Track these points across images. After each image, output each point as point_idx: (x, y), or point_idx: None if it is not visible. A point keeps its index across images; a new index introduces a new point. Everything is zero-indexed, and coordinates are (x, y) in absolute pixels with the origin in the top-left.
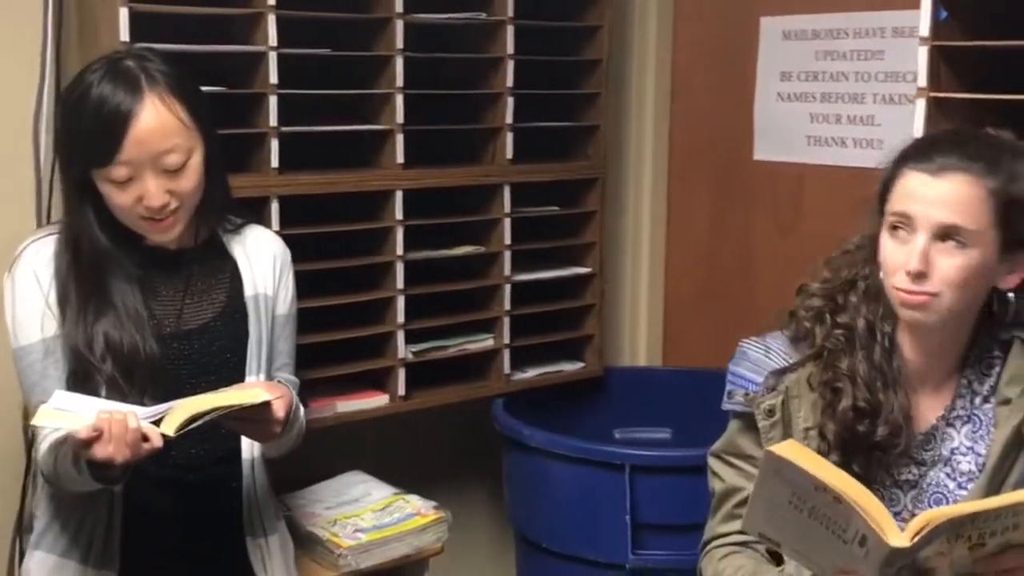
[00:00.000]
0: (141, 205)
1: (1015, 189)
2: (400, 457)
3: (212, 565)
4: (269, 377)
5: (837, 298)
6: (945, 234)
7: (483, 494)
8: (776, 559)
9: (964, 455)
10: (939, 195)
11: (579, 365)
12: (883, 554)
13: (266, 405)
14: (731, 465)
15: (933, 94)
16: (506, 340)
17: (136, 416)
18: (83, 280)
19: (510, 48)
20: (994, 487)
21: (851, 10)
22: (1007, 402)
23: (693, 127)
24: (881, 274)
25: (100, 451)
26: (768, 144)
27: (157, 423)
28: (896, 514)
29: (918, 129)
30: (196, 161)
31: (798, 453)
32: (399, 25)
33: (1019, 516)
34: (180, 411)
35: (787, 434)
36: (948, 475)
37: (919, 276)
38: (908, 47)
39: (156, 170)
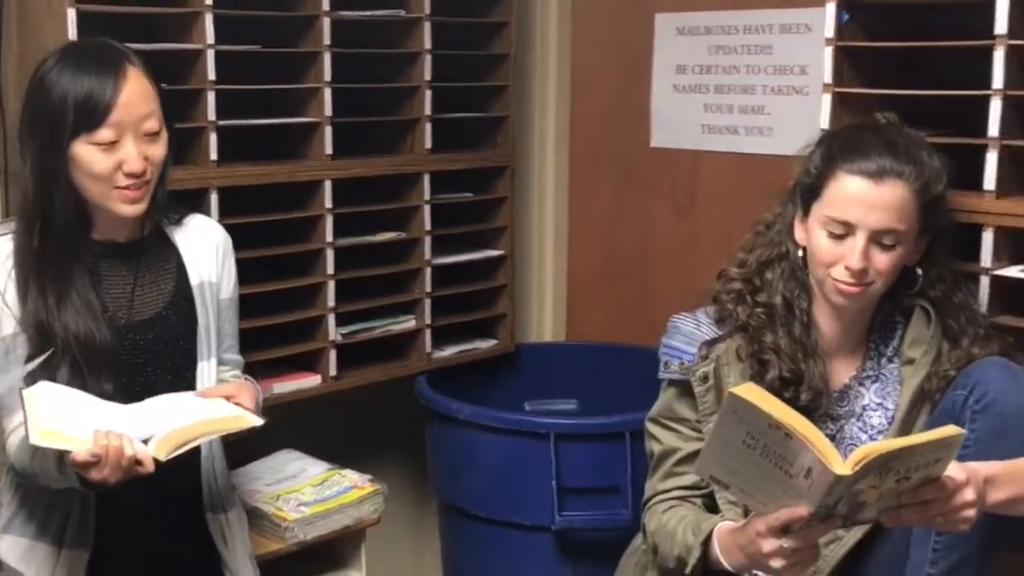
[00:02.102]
0: (120, 172)
1: (933, 188)
2: (330, 434)
3: (176, 542)
4: (219, 359)
5: (754, 280)
6: (882, 236)
7: (408, 466)
8: (713, 511)
9: (875, 410)
10: (880, 202)
11: (493, 342)
12: (827, 483)
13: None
14: (668, 428)
15: (837, 90)
16: (427, 321)
17: (132, 442)
18: (46, 267)
19: (428, 43)
20: (902, 435)
21: (741, 8)
22: (911, 362)
23: (594, 117)
24: (812, 263)
25: (96, 474)
26: (665, 133)
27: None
28: None
29: (824, 122)
30: (164, 135)
31: (756, 394)
32: (326, 22)
33: (939, 452)
34: (172, 437)
35: (720, 398)
36: (860, 428)
37: (861, 273)
38: (795, 42)
39: (137, 135)
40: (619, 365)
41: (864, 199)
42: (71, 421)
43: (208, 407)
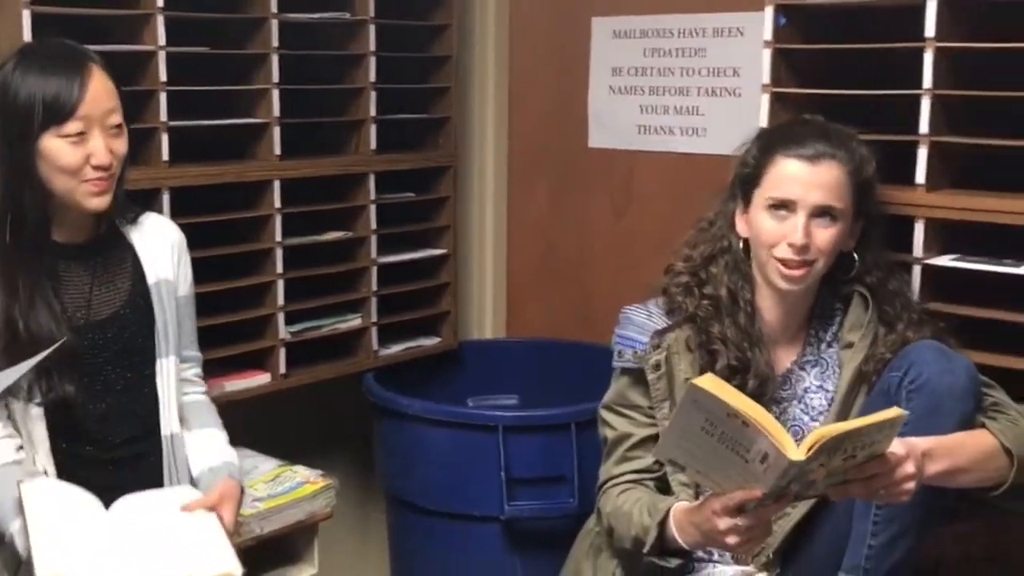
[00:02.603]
0: (88, 166)
1: (864, 171)
2: (279, 432)
3: None
4: (179, 356)
5: (700, 273)
6: (821, 212)
7: (356, 461)
8: (665, 492)
9: (815, 393)
10: (817, 181)
11: (436, 340)
12: (782, 467)
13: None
14: (622, 415)
15: (775, 90)
16: (373, 319)
17: None
18: (18, 266)
19: (372, 45)
20: (842, 417)
21: (676, 12)
22: (850, 346)
23: (533, 118)
24: (755, 248)
25: None
26: (602, 134)
27: None
28: None
29: (762, 121)
30: (126, 132)
31: (715, 385)
32: (274, 24)
33: (883, 432)
34: None
35: (671, 385)
36: (803, 410)
37: (803, 249)
38: (728, 45)
39: (103, 128)
40: (559, 360)
41: (802, 179)
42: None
43: (192, 537)
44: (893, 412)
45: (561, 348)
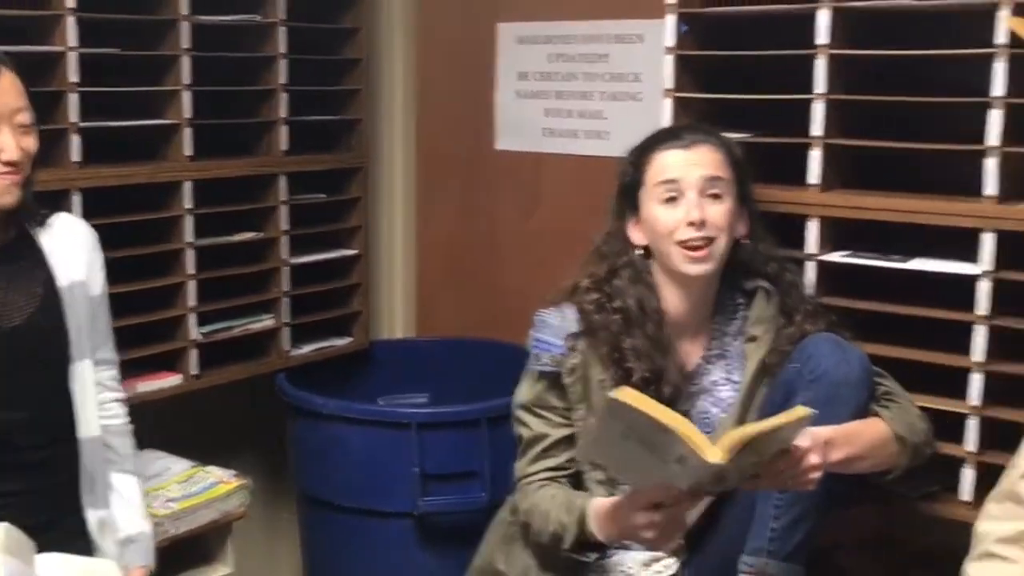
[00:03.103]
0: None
1: (736, 153)
2: (192, 433)
3: (56, 539)
4: (94, 359)
5: (606, 288)
6: (708, 186)
7: (269, 461)
8: (578, 488)
9: (723, 386)
10: (697, 159)
11: (348, 340)
12: (700, 469)
13: None
14: (538, 416)
15: (677, 95)
16: (285, 319)
17: None
18: None
19: (283, 47)
20: (746, 408)
21: (579, 19)
22: (754, 339)
23: (441, 121)
24: (656, 241)
25: None
26: (509, 136)
27: None
28: None
29: (665, 122)
30: (35, 131)
31: (632, 397)
32: (185, 26)
33: (792, 430)
34: None
35: (587, 387)
36: (712, 403)
37: (701, 224)
38: (629, 51)
39: (12, 126)
40: (468, 358)
41: (683, 162)
42: None
43: None
44: (800, 411)
45: (470, 346)
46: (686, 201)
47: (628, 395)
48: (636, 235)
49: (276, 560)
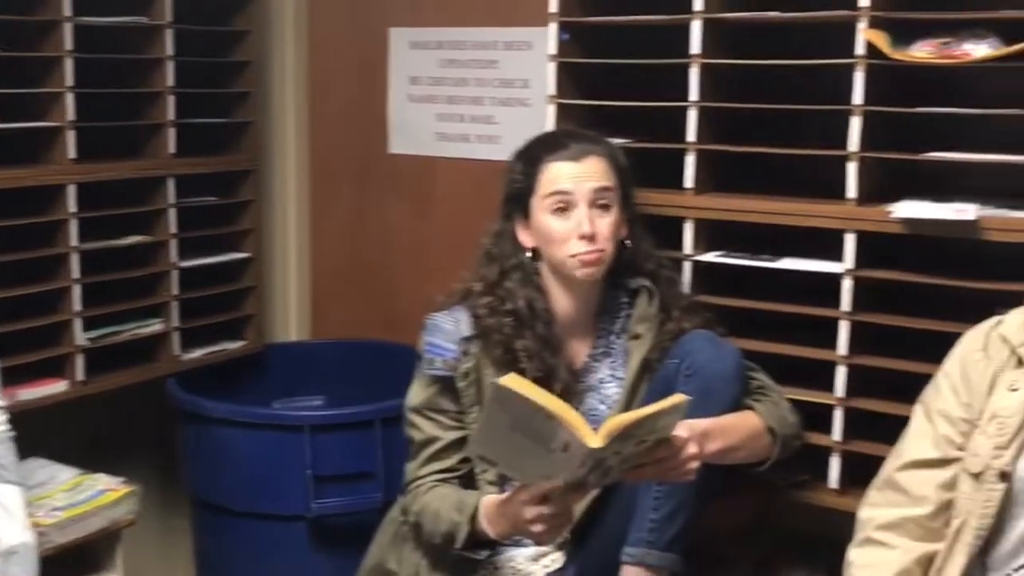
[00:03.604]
0: None
1: (621, 160)
2: (79, 440)
3: None
4: None
5: (498, 291)
6: (597, 197)
7: (160, 467)
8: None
9: (609, 383)
10: (587, 172)
11: (241, 343)
12: (582, 455)
13: None
14: (430, 419)
15: (560, 101)
16: (175, 323)
17: None
18: None
19: (170, 50)
20: (629, 403)
21: (469, 25)
22: (637, 337)
23: (333, 123)
24: (548, 251)
25: None
26: (402, 140)
27: None
28: None
29: (549, 127)
30: None
31: (518, 383)
32: (68, 27)
33: (669, 417)
34: None
35: (480, 389)
36: (599, 400)
37: (592, 238)
38: (518, 58)
39: None
40: (364, 360)
41: (574, 175)
42: None
43: None
44: (677, 398)
45: (366, 348)
46: (577, 213)
47: (514, 381)
48: (525, 238)
49: (170, 566)
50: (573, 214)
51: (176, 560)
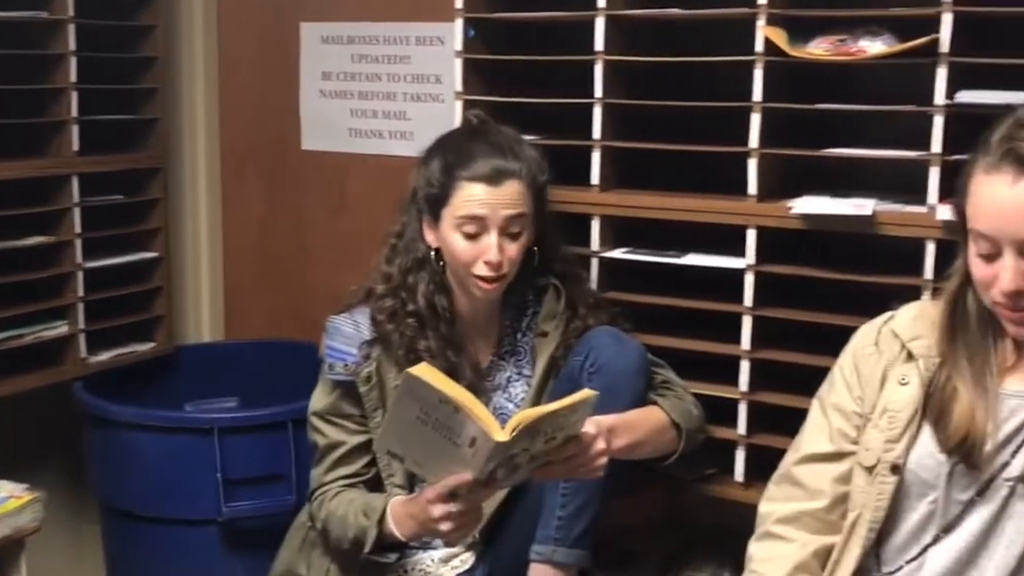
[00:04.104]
0: None
1: (539, 178)
2: None
3: None
4: None
5: (401, 293)
6: (509, 224)
7: (67, 473)
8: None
9: (516, 381)
10: (502, 200)
11: (151, 345)
12: (489, 449)
13: None
14: (334, 424)
15: (466, 97)
16: (81, 325)
17: None
18: None
19: (72, 45)
20: (537, 402)
21: (381, 20)
22: (544, 334)
23: (244, 120)
24: (452, 264)
25: None
26: (314, 136)
27: None
28: None
29: (456, 125)
30: None
31: (428, 373)
32: None
33: (577, 413)
34: None
35: (383, 394)
36: (507, 399)
37: (499, 265)
38: (430, 53)
39: None
40: (278, 360)
41: (488, 201)
42: None
43: None
44: (584, 394)
45: (280, 348)
46: (488, 239)
47: (424, 370)
48: (431, 237)
49: (80, 574)
50: (482, 239)
51: (86, 567)
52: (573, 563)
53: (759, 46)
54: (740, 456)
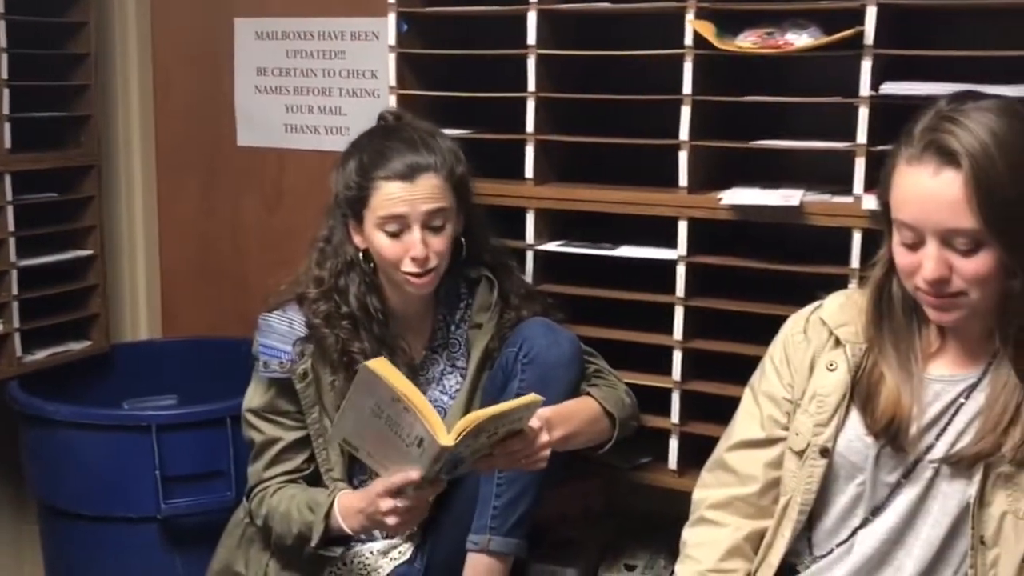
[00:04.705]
0: None
1: (457, 170)
2: None
3: None
4: None
5: (334, 295)
6: (431, 219)
7: (5, 472)
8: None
9: (450, 374)
10: (420, 195)
11: (87, 343)
12: (435, 452)
13: None
14: (270, 421)
15: (401, 92)
16: (16, 324)
17: None
18: None
19: (2, 42)
20: (472, 394)
21: (316, 15)
22: (478, 326)
23: (179, 116)
24: (380, 264)
25: None
26: (250, 132)
27: None
28: None
29: None
30: None
31: (385, 369)
32: None
33: (520, 412)
34: None
35: (319, 390)
36: (441, 392)
37: (425, 260)
38: (365, 48)
39: None
40: (216, 357)
41: (406, 197)
42: None
43: None
44: (531, 398)
45: (218, 345)
46: (411, 236)
47: (380, 365)
48: (358, 239)
49: (20, 574)
50: (406, 236)
51: (27, 567)
52: (509, 552)
53: (688, 40)
54: (674, 444)
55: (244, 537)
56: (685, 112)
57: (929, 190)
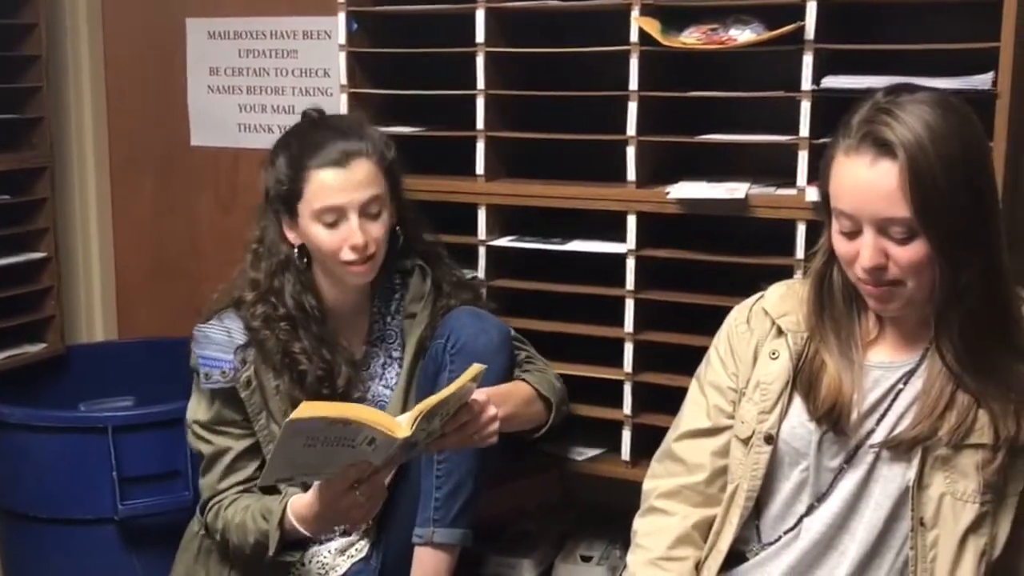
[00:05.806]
0: None
1: (388, 154)
2: None
3: None
4: None
5: (271, 298)
6: (367, 207)
7: None
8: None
9: (389, 365)
10: (354, 181)
11: (42, 346)
12: (393, 445)
13: None
14: (219, 433)
15: (352, 90)
16: None
17: None
18: None
19: None
20: (409, 384)
21: (267, 14)
22: (412, 316)
23: (132, 117)
24: (318, 256)
25: None
26: (203, 132)
27: None
28: None
29: None
30: None
31: (310, 408)
32: None
33: (468, 387)
34: None
35: (264, 394)
36: (384, 385)
37: (364, 248)
38: (317, 47)
39: None
40: (173, 358)
41: (341, 185)
42: None
43: None
44: (475, 369)
45: (174, 345)
46: (348, 225)
47: (304, 409)
48: (292, 236)
49: None
50: (343, 225)
51: None
52: (454, 542)
53: (634, 36)
54: (626, 436)
55: (202, 550)
56: (632, 108)
57: (866, 180)
